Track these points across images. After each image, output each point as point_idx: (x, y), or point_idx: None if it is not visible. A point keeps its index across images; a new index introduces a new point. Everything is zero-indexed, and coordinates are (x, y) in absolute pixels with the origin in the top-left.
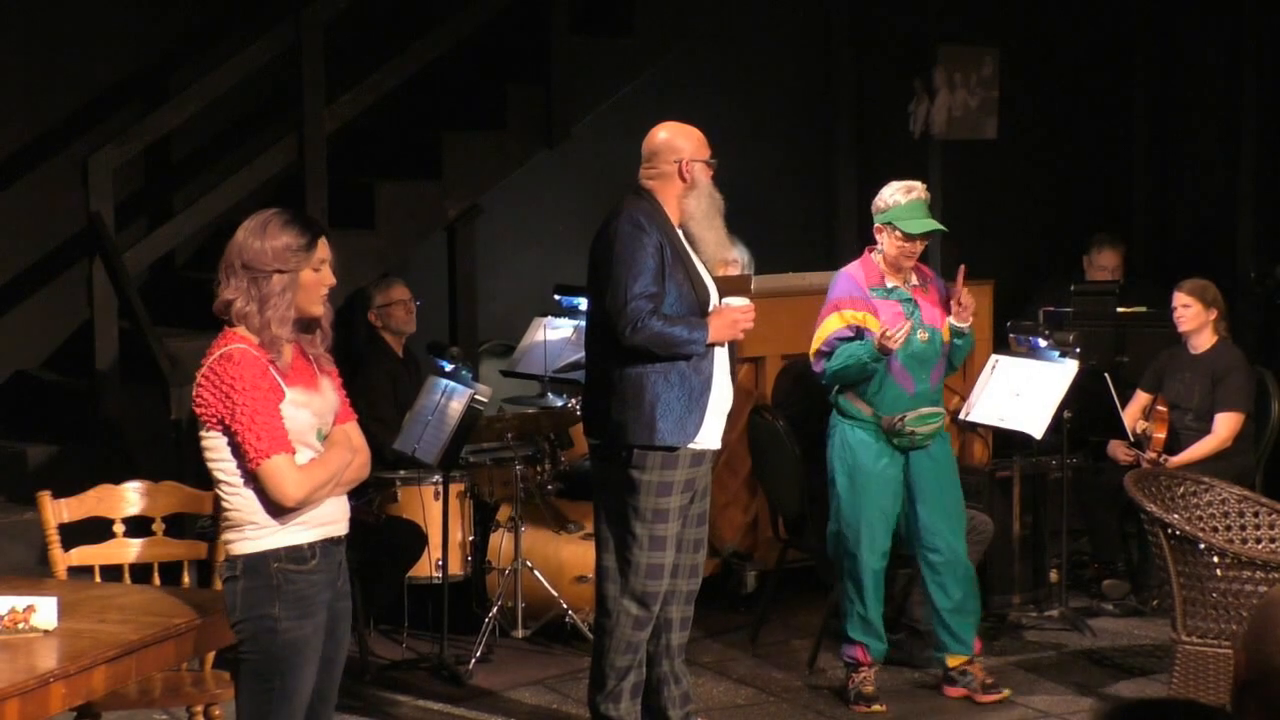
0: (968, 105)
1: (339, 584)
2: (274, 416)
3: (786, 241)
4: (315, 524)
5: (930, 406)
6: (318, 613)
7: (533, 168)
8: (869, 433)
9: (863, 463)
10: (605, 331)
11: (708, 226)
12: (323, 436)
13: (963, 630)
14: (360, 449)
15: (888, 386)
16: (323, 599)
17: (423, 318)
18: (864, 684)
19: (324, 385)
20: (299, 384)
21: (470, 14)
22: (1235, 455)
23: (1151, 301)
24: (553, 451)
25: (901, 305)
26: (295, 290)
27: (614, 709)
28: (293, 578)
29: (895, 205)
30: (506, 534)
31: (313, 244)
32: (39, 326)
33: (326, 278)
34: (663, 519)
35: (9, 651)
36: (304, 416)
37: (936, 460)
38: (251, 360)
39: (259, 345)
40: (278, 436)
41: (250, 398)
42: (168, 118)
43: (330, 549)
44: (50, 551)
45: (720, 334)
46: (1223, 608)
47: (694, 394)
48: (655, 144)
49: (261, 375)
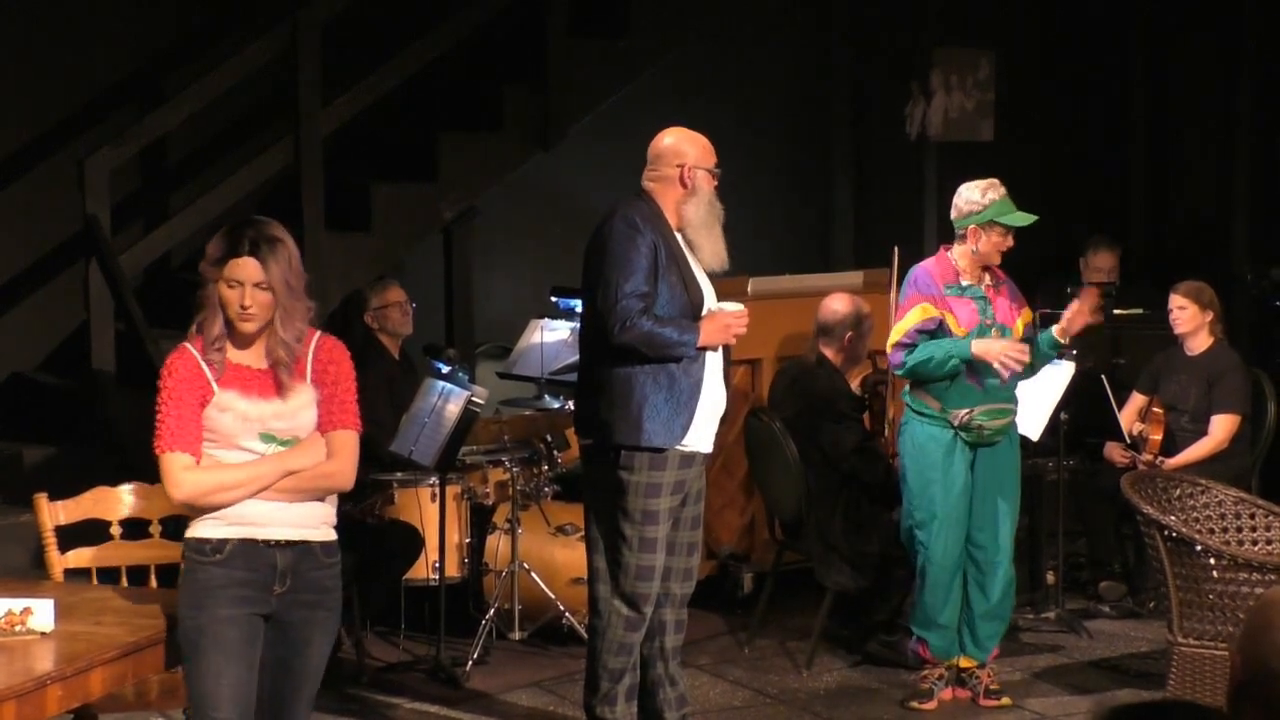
0: (964, 107)
1: (279, 589)
2: (186, 415)
3: (782, 243)
4: (232, 521)
5: (1000, 403)
6: (220, 608)
7: (529, 170)
8: (938, 427)
9: (931, 458)
10: (598, 331)
11: (705, 235)
12: (277, 441)
13: (986, 636)
14: (337, 456)
15: (958, 382)
16: (233, 595)
17: (419, 320)
18: (921, 681)
19: (293, 393)
20: (235, 388)
21: (467, 15)
22: (1231, 457)
23: (1148, 303)
24: (549, 453)
25: (975, 303)
26: (219, 300)
27: (609, 712)
28: (193, 567)
29: (992, 203)
30: (503, 536)
31: (224, 260)
32: (35, 328)
33: (240, 298)
34: (652, 520)
35: (6, 654)
36: (228, 420)
37: (1000, 459)
38: (183, 360)
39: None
40: (180, 435)
41: (170, 395)
42: (164, 119)
43: (255, 550)
44: (47, 554)
45: (711, 338)
46: (1219, 610)
47: (683, 396)
48: (660, 147)
49: (190, 375)
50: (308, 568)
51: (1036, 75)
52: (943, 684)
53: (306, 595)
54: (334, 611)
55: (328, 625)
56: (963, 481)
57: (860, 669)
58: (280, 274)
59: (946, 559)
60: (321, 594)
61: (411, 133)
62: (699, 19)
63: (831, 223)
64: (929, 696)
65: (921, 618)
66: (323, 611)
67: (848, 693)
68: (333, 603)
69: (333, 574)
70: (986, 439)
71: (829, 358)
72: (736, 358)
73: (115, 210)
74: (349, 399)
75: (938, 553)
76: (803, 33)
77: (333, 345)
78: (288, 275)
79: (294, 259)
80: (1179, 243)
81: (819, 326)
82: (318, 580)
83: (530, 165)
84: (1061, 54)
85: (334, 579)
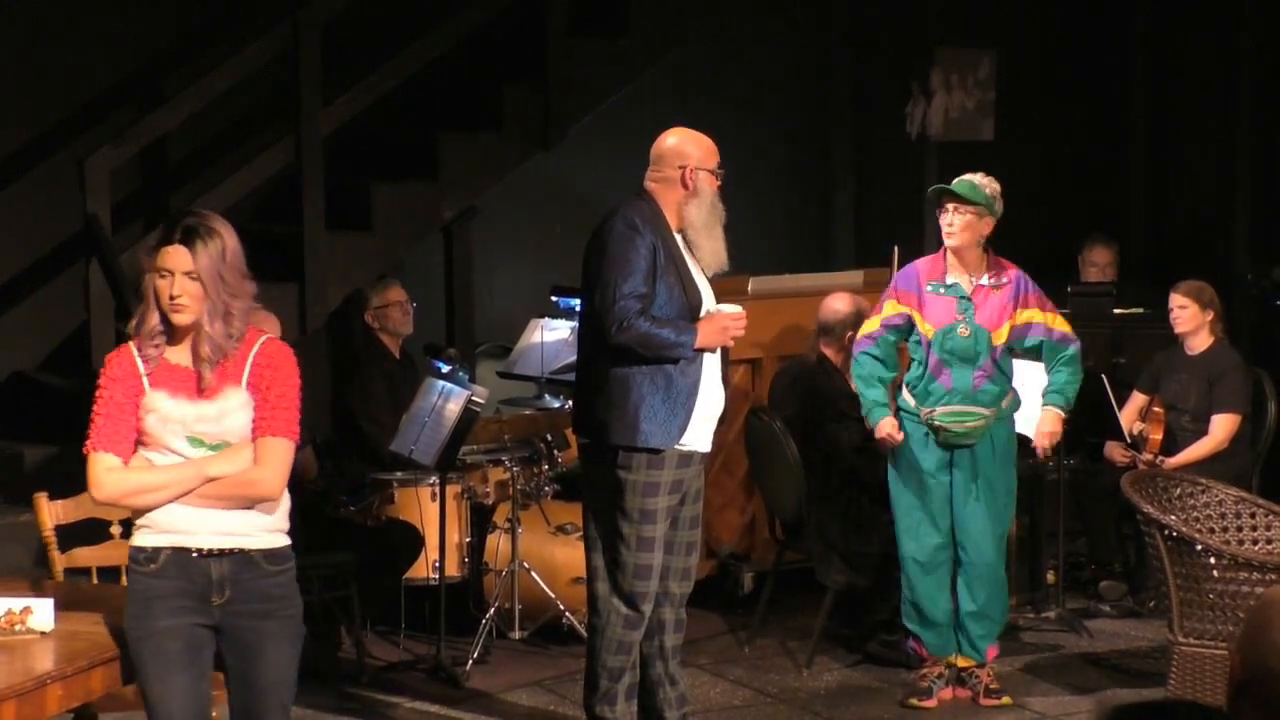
0: (964, 107)
1: (218, 600)
2: (116, 415)
3: (783, 243)
4: (161, 529)
5: (969, 405)
6: (158, 619)
7: (530, 169)
8: (912, 424)
9: (905, 455)
10: (596, 331)
11: (706, 236)
12: (205, 445)
13: (978, 636)
14: (263, 464)
15: (927, 380)
16: (171, 606)
17: (419, 319)
18: (920, 679)
19: (222, 395)
20: (165, 388)
21: (467, 15)
22: (1232, 456)
23: (1148, 303)
24: (549, 453)
25: (958, 301)
26: (152, 292)
27: (609, 711)
28: (133, 578)
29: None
30: (503, 535)
31: (156, 248)
32: (36, 328)
33: (170, 287)
34: (650, 520)
35: (6, 653)
36: (151, 421)
37: (980, 461)
38: (120, 358)
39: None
40: (108, 435)
41: (102, 392)
42: (165, 119)
43: (188, 559)
44: (48, 553)
45: (709, 339)
46: (1219, 609)
47: (680, 397)
48: (663, 148)
49: (124, 373)
50: (249, 577)
51: (1036, 75)
52: (942, 682)
53: (252, 605)
54: (289, 619)
55: (283, 634)
56: (935, 480)
57: (861, 668)
58: (210, 264)
59: (919, 554)
60: (269, 603)
61: (412, 132)
62: (699, 19)
63: (832, 222)
64: (928, 694)
65: (911, 615)
66: (274, 621)
67: (848, 692)
68: (286, 610)
69: (280, 581)
70: (955, 441)
71: (829, 357)
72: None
73: (115, 210)
74: (286, 406)
75: (910, 549)
76: (803, 32)
77: (276, 350)
78: (219, 267)
79: (230, 253)
80: (1179, 242)
81: (820, 326)
82: (262, 589)
83: (530, 165)
84: (1061, 54)
85: (283, 586)
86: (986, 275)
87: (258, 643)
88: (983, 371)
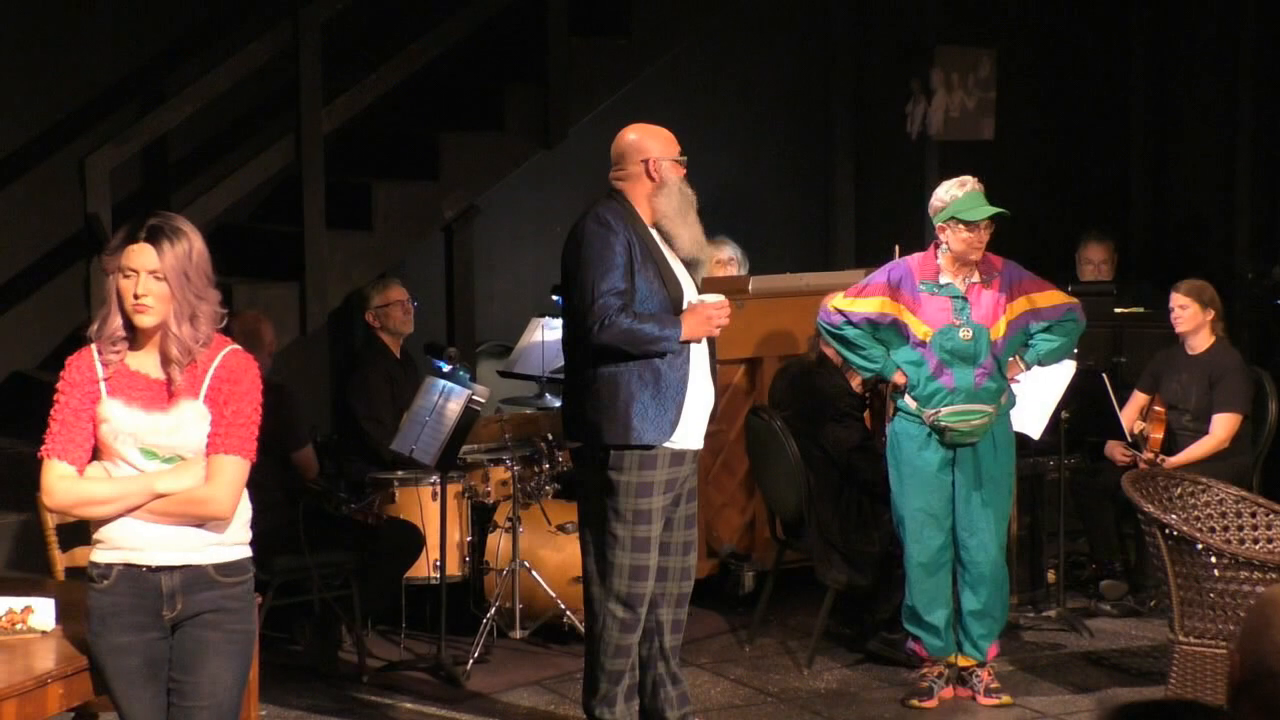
0: (965, 106)
1: (169, 613)
2: (72, 421)
3: (784, 242)
4: (112, 545)
5: (972, 404)
6: (114, 636)
7: (530, 169)
8: (914, 425)
9: (907, 457)
10: (579, 333)
11: (681, 224)
12: (159, 457)
13: (979, 636)
14: (214, 482)
15: (927, 381)
16: (125, 623)
17: (420, 318)
18: (920, 679)
19: (178, 407)
20: (120, 396)
21: (467, 15)
22: (1233, 456)
23: (1149, 302)
24: (550, 452)
25: (953, 302)
26: (115, 293)
27: (608, 712)
28: (89, 594)
29: (954, 200)
30: (504, 534)
31: (120, 247)
32: (36, 327)
33: (134, 286)
34: (644, 520)
35: (7, 652)
36: (104, 430)
37: (982, 460)
38: (80, 361)
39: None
40: (62, 442)
41: (59, 397)
42: (165, 118)
43: (139, 575)
44: (48, 552)
45: (694, 330)
46: (1220, 608)
47: (669, 392)
48: (622, 146)
49: (83, 378)
50: (200, 588)
51: (1036, 75)
52: (942, 682)
53: (202, 615)
54: (235, 635)
55: (227, 649)
56: (938, 480)
57: (861, 668)
58: (176, 264)
59: (923, 556)
60: (220, 614)
61: (413, 132)
62: (699, 19)
63: (832, 221)
64: (929, 694)
65: (911, 616)
66: (217, 633)
67: (848, 692)
68: (233, 625)
69: (235, 593)
70: (960, 440)
71: (830, 356)
72: (737, 357)
73: (116, 210)
74: (243, 424)
75: (914, 550)
76: (804, 31)
77: (238, 363)
78: (185, 266)
79: (196, 253)
80: (1180, 241)
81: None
82: (211, 600)
83: (531, 164)
84: (1062, 52)
85: (238, 599)
86: (978, 273)
87: (196, 652)
88: (984, 369)
